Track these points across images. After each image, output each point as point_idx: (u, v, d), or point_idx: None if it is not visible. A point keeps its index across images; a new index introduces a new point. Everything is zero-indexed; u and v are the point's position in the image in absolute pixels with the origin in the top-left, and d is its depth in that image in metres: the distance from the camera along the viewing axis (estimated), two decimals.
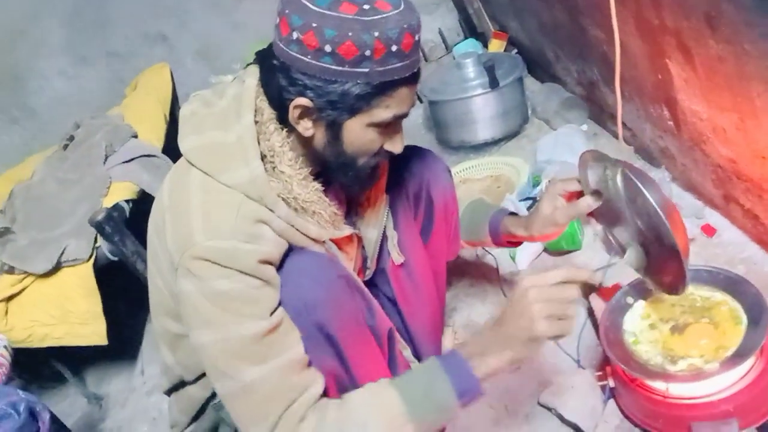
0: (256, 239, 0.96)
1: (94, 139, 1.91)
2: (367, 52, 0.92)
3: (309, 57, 0.93)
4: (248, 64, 1.07)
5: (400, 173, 1.31)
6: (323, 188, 1.07)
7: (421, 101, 2.65)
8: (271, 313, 0.96)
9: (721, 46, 1.18)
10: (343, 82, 0.94)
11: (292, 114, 0.99)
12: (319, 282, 1.01)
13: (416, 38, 0.96)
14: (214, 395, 1.17)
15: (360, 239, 1.23)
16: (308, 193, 1.03)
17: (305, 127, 1.00)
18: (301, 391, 0.96)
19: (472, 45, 2.81)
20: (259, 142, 1.00)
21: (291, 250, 1.02)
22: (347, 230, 1.14)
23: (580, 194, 1.20)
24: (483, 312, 1.71)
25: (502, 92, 2.24)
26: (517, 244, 1.39)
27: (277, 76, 0.98)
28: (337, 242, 1.13)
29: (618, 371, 1.19)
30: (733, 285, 1.17)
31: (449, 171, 1.40)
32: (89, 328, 1.76)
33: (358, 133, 1.01)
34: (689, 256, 1.08)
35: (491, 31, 2.70)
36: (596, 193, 1.15)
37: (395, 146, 1.07)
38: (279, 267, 1.00)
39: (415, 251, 1.33)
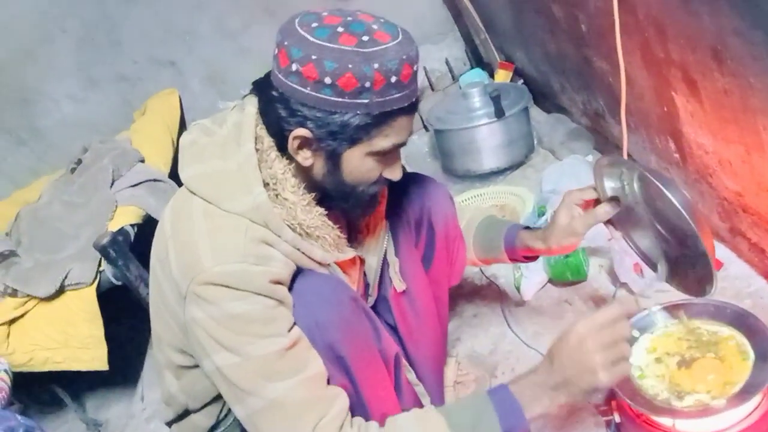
0: (266, 261, 0.97)
1: (101, 163, 1.92)
2: (367, 84, 0.93)
3: (309, 89, 0.94)
4: (246, 95, 1.07)
5: (400, 200, 1.31)
6: (326, 213, 1.07)
7: (427, 130, 2.66)
8: (289, 330, 0.97)
9: (727, 80, 1.18)
10: (343, 113, 0.95)
11: (292, 145, 0.99)
12: (331, 303, 1.02)
13: (414, 69, 0.97)
14: (218, 424, 1.16)
15: (363, 262, 1.23)
16: (312, 218, 1.04)
17: (304, 157, 1.01)
18: (330, 403, 0.97)
19: (478, 75, 2.82)
20: (261, 170, 1.00)
21: (299, 271, 1.03)
22: (351, 253, 1.14)
23: (596, 202, 1.19)
24: (486, 343, 1.70)
25: (508, 122, 2.24)
26: (534, 258, 1.38)
27: (275, 107, 0.98)
28: (340, 266, 1.13)
29: (623, 406, 1.17)
30: (741, 319, 1.16)
31: (451, 198, 1.40)
32: (90, 352, 1.75)
33: (358, 163, 1.02)
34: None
35: (497, 62, 2.72)
36: (614, 200, 1.14)
37: (394, 174, 1.08)
38: (289, 288, 1.01)
39: (417, 278, 1.32)
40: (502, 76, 2.66)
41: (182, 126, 2.59)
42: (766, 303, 1.43)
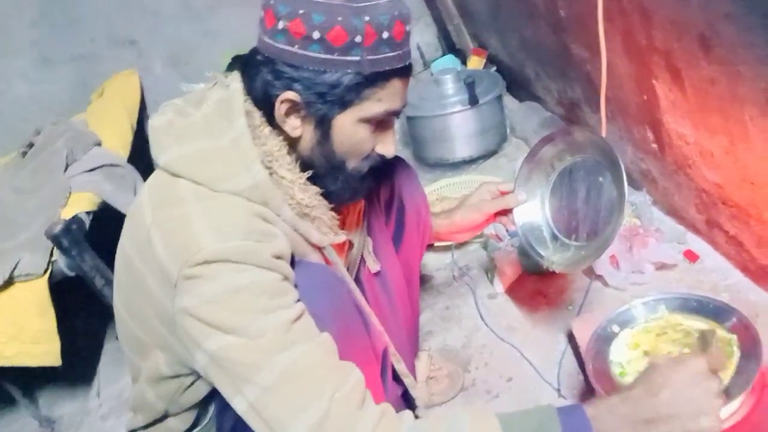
0: (269, 237, 0.90)
1: (54, 147, 1.81)
2: (358, 38, 0.88)
3: (296, 47, 0.89)
4: (227, 69, 1.01)
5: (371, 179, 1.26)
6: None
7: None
8: (296, 302, 0.90)
9: (714, 68, 1.14)
10: (333, 72, 0.90)
11: (279, 110, 0.94)
12: (328, 296, 0.97)
13: (407, 28, 0.94)
14: (193, 425, 1.08)
15: (351, 246, 1.17)
16: (310, 197, 0.98)
17: (293, 125, 0.95)
18: (347, 373, 0.88)
19: (450, 61, 2.77)
20: (257, 147, 0.93)
21: (293, 260, 0.96)
22: (344, 236, 1.08)
23: None
24: (459, 337, 1.65)
25: (482, 110, 2.20)
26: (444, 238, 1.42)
27: (262, 72, 0.93)
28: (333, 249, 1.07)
29: None
30: (724, 315, 1.13)
31: (418, 177, 1.37)
32: (42, 347, 1.64)
33: (349, 130, 0.96)
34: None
35: (470, 48, 2.67)
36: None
37: (387, 148, 1.02)
38: None
39: (389, 259, 1.28)
40: (475, 62, 2.62)
41: (143, 109, 2.48)
42: (744, 297, 1.41)
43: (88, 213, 1.72)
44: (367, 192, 1.12)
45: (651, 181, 1.69)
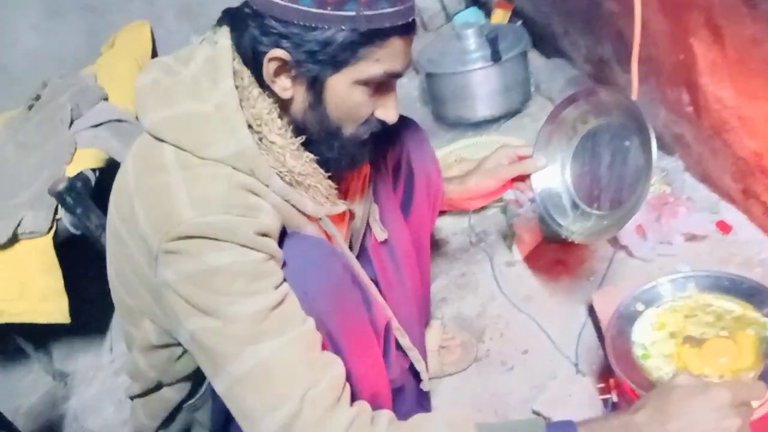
0: (254, 211, 0.84)
1: (59, 101, 1.75)
2: None
3: (285, 0, 0.81)
4: (217, 23, 0.92)
5: (377, 141, 1.18)
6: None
7: (417, 72, 2.49)
8: (277, 287, 0.84)
9: (759, 27, 1.04)
10: (325, 29, 0.82)
11: (267, 69, 0.86)
12: (320, 270, 0.90)
13: None
14: (189, 396, 1.05)
15: (352, 215, 1.10)
16: (303, 165, 0.91)
17: (282, 86, 0.87)
18: (322, 369, 0.84)
19: (473, 14, 2.64)
20: (243, 110, 0.86)
21: (284, 233, 0.90)
22: (343, 206, 1.01)
23: None
24: (474, 305, 1.59)
25: (505, 67, 2.09)
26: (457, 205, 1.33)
27: (249, 28, 0.85)
28: (331, 220, 1.00)
29: (623, 386, 1.07)
30: (759, 296, 1.05)
31: (428, 139, 1.29)
32: (50, 304, 1.63)
33: (344, 93, 0.88)
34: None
35: (495, 1, 2.54)
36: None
37: (388, 114, 0.94)
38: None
39: (397, 227, 1.21)
40: (500, 16, 2.49)
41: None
42: None
43: (93, 170, 1.67)
44: (367, 158, 1.04)
45: (684, 146, 1.59)
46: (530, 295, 1.56)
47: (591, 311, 1.41)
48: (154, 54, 2.44)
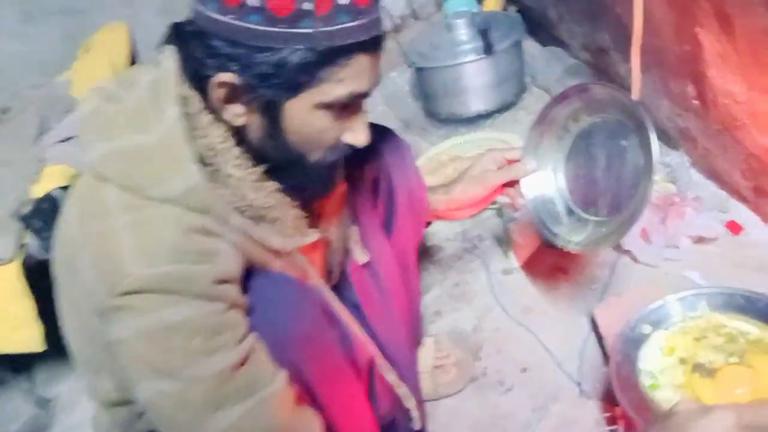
0: (210, 256, 0.75)
1: (24, 115, 1.66)
2: (307, 5, 0.70)
3: (230, 17, 0.71)
4: (166, 41, 0.82)
5: (354, 156, 1.08)
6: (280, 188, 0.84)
7: (409, 66, 2.38)
8: (240, 341, 0.76)
9: None
10: (278, 49, 0.72)
11: (215, 95, 0.76)
12: (294, 315, 0.83)
13: None
14: None
15: (328, 243, 1.01)
16: (265, 196, 0.82)
17: (235, 113, 0.78)
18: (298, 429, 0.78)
19: (465, 2, 2.51)
20: (194, 141, 0.76)
21: (249, 272, 0.81)
22: (314, 235, 0.92)
23: None
24: (470, 318, 1.50)
25: (498, 58, 1.97)
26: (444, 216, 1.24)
27: (193, 48, 0.75)
28: (302, 251, 0.91)
29: (629, 417, 0.98)
30: None
31: (411, 150, 1.19)
32: (23, 333, 1.54)
33: (305, 119, 0.78)
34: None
35: None
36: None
37: (357, 137, 0.85)
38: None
39: (380, 247, 1.12)
40: (492, 2, 2.37)
41: (134, 65, 2.30)
42: None
43: (63, 188, 1.57)
44: (338, 181, 0.95)
45: (690, 141, 1.48)
46: (529, 305, 1.47)
47: (594, 323, 1.32)
48: (134, 56, 2.33)
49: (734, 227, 1.38)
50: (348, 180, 1.05)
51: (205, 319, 0.72)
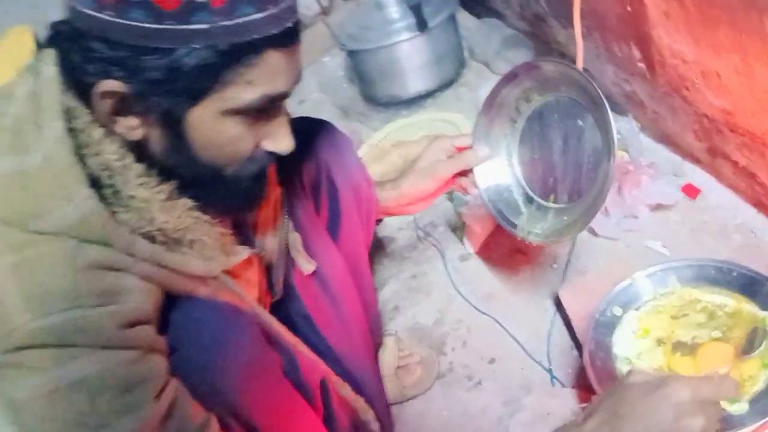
0: (114, 296, 0.64)
1: None
2: None
3: (108, 13, 0.60)
4: (46, 44, 0.70)
5: (287, 156, 0.98)
6: (196, 205, 0.73)
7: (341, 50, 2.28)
8: (160, 393, 0.65)
9: None
10: (169, 50, 0.61)
11: (100, 107, 0.65)
12: (225, 346, 0.73)
13: None
14: None
15: (262, 258, 0.91)
16: (178, 217, 0.70)
17: (128, 126, 0.67)
18: None
19: None
20: (84, 161, 0.65)
21: (170, 302, 0.71)
22: (244, 252, 0.82)
23: None
24: (430, 311, 1.42)
25: (433, 34, 1.88)
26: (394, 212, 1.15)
27: (71, 52, 0.64)
28: (232, 273, 0.80)
29: None
30: (752, 286, 0.90)
31: (352, 144, 1.11)
32: None
33: (213, 128, 0.68)
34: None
35: None
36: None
37: (279, 143, 0.75)
38: (161, 328, 0.69)
39: (327, 253, 1.03)
40: None
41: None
42: (761, 238, 1.19)
43: None
44: (269, 188, 0.85)
45: (638, 105, 1.43)
46: (490, 292, 1.40)
47: (558, 305, 1.26)
48: None
49: (691, 191, 1.33)
50: (283, 184, 0.96)
51: (115, 372, 0.62)
